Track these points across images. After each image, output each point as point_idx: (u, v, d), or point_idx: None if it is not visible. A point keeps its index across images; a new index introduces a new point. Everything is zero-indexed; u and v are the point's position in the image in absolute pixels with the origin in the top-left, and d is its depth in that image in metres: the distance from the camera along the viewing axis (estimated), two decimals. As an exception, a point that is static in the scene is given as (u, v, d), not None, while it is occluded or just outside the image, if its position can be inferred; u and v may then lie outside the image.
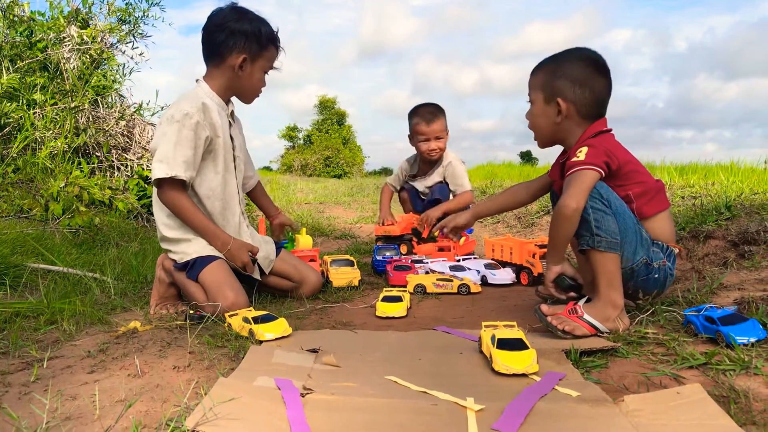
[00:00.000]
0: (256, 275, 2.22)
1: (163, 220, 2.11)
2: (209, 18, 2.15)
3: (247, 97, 2.27)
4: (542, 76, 1.86)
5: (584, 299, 1.70)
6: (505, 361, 1.34)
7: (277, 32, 2.21)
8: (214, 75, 2.17)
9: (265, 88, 2.28)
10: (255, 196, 2.62)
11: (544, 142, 1.94)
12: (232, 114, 2.26)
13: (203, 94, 2.13)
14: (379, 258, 2.93)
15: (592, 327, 1.59)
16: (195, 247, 2.07)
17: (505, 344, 1.39)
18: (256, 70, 2.19)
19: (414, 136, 3.48)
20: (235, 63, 2.12)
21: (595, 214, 1.64)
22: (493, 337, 1.43)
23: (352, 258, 2.76)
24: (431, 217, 3.14)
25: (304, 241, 2.92)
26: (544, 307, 1.66)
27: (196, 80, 2.20)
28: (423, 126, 3.40)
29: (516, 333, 1.46)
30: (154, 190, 2.07)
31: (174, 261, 2.11)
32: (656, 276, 1.76)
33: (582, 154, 1.71)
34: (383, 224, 3.44)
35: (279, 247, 2.41)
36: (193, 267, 2.04)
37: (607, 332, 1.60)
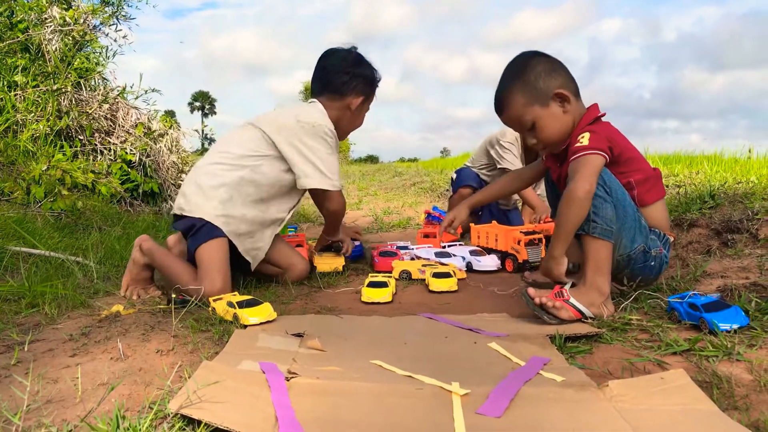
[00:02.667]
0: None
1: (221, 196, 2.09)
2: (329, 56, 2.35)
3: (346, 132, 2.43)
4: (521, 94, 1.79)
5: (569, 284, 1.71)
6: (436, 283, 2.17)
7: (380, 79, 2.42)
8: (327, 106, 2.29)
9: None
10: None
11: (565, 140, 1.83)
12: None
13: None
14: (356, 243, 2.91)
15: (578, 311, 1.59)
16: (207, 209, 2.06)
17: (438, 275, 2.23)
18: (364, 111, 2.43)
19: None
20: (352, 102, 2.32)
21: (595, 200, 1.64)
22: (432, 273, 2.23)
23: (337, 244, 2.75)
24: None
25: None
26: (531, 291, 1.66)
27: (311, 101, 2.33)
28: None
29: (447, 269, 2.27)
30: (323, 193, 2.26)
31: (176, 218, 2.11)
32: (652, 263, 1.77)
33: (585, 139, 1.70)
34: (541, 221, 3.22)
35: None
36: (198, 234, 2.02)
37: (591, 317, 1.61)
